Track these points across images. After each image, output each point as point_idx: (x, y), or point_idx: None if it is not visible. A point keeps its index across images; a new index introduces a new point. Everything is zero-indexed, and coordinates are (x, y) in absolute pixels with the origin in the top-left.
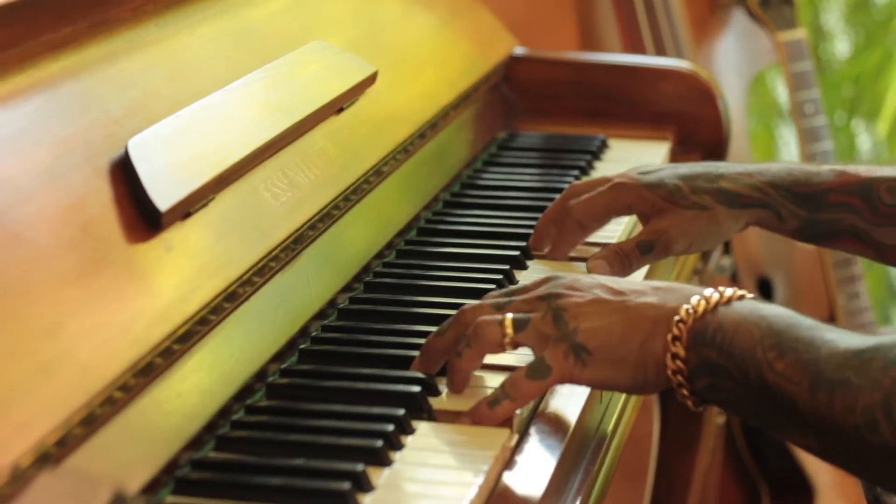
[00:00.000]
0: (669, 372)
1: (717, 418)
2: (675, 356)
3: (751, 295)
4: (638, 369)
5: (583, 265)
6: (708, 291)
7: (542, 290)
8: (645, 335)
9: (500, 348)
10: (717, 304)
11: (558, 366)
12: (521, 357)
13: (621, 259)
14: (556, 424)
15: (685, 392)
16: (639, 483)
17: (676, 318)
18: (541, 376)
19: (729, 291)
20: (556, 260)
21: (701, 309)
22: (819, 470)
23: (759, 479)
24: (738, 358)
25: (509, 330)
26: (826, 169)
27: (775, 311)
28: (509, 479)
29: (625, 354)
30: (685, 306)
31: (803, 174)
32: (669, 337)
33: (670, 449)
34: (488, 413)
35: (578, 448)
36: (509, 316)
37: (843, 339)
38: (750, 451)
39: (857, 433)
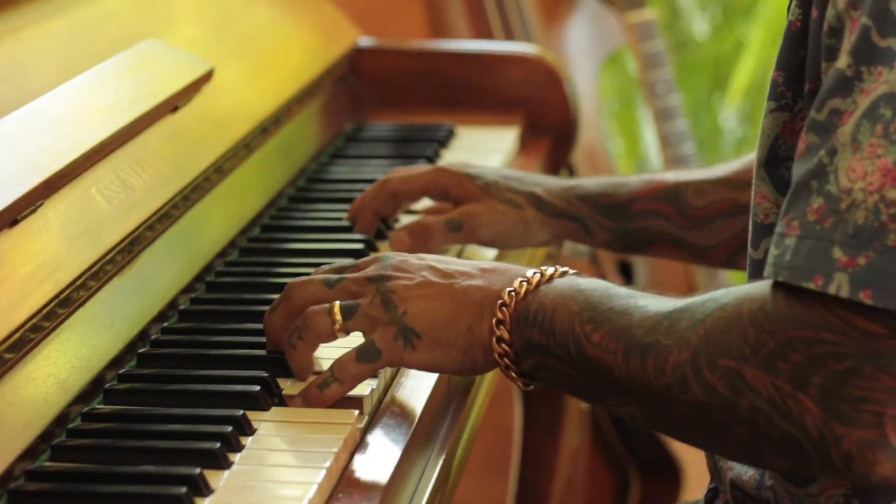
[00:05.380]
0: (496, 355)
1: (580, 404)
2: (500, 339)
3: (573, 271)
4: (466, 353)
5: None
6: (530, 272)
7: (371, 272)
8: (471, 319)
9: (332, 336)
10: (538, 284)
11: (387, 348)
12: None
13: (424, 233)
14: (404, 411)
15: (513, 374)
16: (503, 471)
17: (500, 301)
18: (370, 359)
19: (550, 270)
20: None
21: (523, 291)
22: (686, 449)
23: (628, 461)
24: (558, 335)
25: (338, 317)
26: (635, 178)
27: (593, 285)
28: (356, 469)
29: (453, 338)
30: (509, 289)
31: (611, 185)
32: (494, 321)
33: (534, 435)
34: (318, 396)
35: (428, 431)
36: (337, 304)
37: (654, 303)
38: (617, 434)
39: (671, 393)
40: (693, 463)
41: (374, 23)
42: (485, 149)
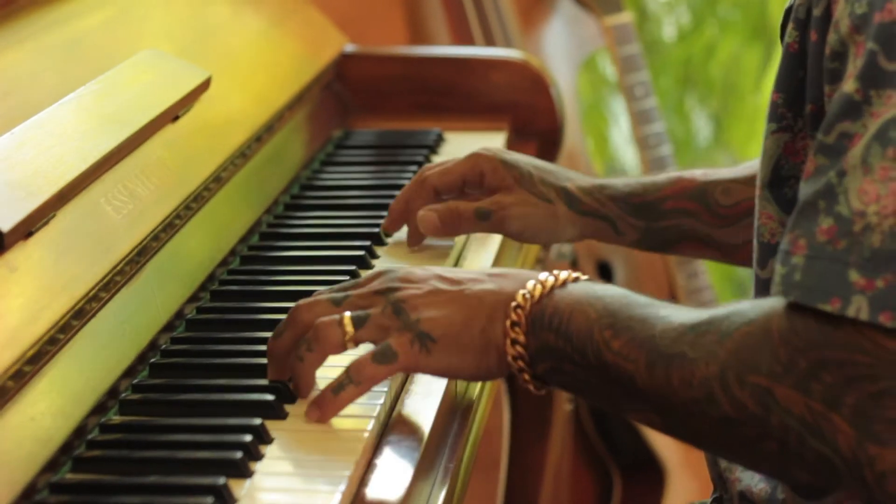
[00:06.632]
0: (510, 358)
1: (565, 405)
2: (514, 342)
3: (585, 277)
4: (481, 356)
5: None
6: (543, 276)
7: (377, 285)
8: (485, 322)
9: (342, 348)
10: (552, 288)
11: (404, 352)
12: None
13: (454, 218)
14: (416, 417)
15: (526, 377)
16: (492, 475)
17: (514, 303)
18: (387, 360)
19: (564, 274)
20: (413, 246)
21: (537, 293)
22: (669, 450)
23: (610, 462)
24: (575, 340)
25: (349, 328)
26: (663, 177)
27: (610, 292)
28: (376, 474)
29: (467, 342)
30: (522, 291)
31: (640, 185)
32: (508, 323)
33: (521, 439)
34: (332, 399)
35: (439, 438)
36: (347, 314)
37: (677, 314)
38: (599, 435)
39: (697, 406)
40: (675, 461)
41: (356, 29)
42: None
